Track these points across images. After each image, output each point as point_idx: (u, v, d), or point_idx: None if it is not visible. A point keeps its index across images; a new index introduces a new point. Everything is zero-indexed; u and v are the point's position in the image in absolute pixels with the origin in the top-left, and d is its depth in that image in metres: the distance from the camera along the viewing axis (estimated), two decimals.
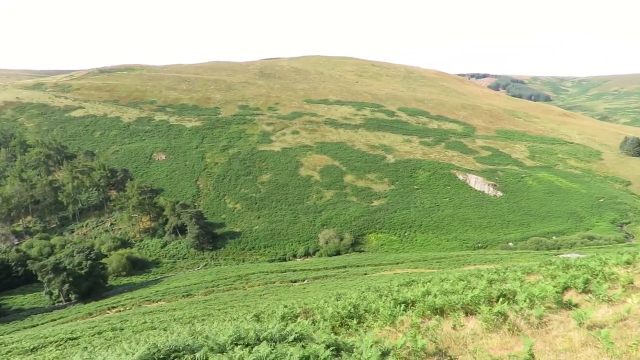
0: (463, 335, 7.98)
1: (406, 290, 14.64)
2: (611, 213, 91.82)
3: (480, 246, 79.25)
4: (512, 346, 7.19)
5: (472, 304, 9.82)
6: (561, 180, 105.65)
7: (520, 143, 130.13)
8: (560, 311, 9.18)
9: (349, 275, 56.16)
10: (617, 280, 11.41)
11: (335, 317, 10.26)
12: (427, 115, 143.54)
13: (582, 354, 6.31)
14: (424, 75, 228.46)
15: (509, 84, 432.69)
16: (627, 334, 7.04)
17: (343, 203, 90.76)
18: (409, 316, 9.76)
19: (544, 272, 15.36)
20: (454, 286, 13.08)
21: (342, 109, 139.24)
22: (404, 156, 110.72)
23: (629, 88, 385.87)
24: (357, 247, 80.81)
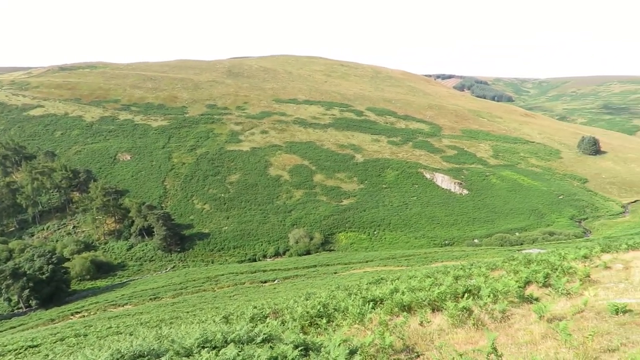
0: (430, 331, 8.14)
1: (375, 288, 14.80)
2: (570, 209, 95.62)
3: (447, 243, 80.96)
4: (476, 340, 7.38)
5: (438, 300, 10.02)
6: (523, 178, 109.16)
7: (485, 142, 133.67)
8: (522, 305, 9.48)
9: (319, 275, 56.28)
10: (575, 274, 11.90)
11: (304, 317, 10.26)
12: (394, 115, 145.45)
13: (542, 346, 6.54)
14: (391, 75, 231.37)
15: (473, 84, 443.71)
16: (584, 325, 7.35)
17: (313, 202, 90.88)
18: (377, 314, 9.87)
19: (507, 267, 15.85)
20: (422, 283, 13.31)
21: (311, 109, 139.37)
22: (372, 155, 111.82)
23: (585, 90, 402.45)
24: (327, 246, 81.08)
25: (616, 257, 15.24)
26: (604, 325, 7.27)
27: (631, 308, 7.94)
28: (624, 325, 7.20)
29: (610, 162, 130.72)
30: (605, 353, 5.98)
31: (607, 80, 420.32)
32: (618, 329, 7.00)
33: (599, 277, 11.70)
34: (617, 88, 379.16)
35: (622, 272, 12.20)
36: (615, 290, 9.96)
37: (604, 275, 11.94)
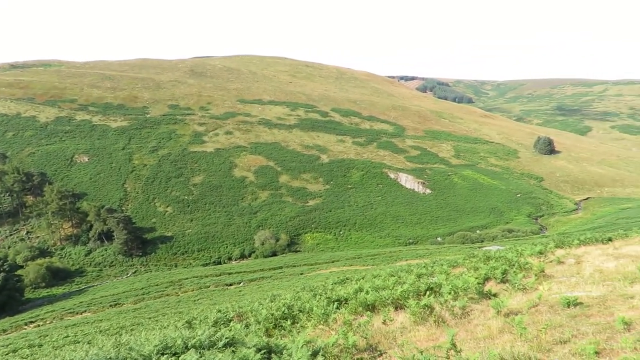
0: (393, 329, 8.25)
1: (340, 288, 14.88)
2: (527, 207, 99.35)
3: (412, 242, 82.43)
4: (437, 337, 7.54)
5: (401, 298, 10.18)
6: (483, 177, 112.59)
7: (447, 142, 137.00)
8: (481, 301, 9.76)
9: (285, 276, 56.09)
10: (530, 270, 12.35)
11: (269, 319, 10.20)
12: (359, 115, 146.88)
13: (499, 340, 6.76)
14: (355, 76, 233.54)
15: (435, 86, 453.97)
16: (539, 319, 7.64)
17: (278, 203, 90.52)
18: (342, 314, 9.92)
19: (467, 264, 16.29)
20: (385, 282, 13.49)
21: (276, 109, 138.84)
22: (337, 156, 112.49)
23: (540, 92, 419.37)
24: (293, 247, 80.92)
25: (569, 252, 15.93)
26: (556, 318, 7.58)
27: (582, 301, 8.32)
28: (575, 317, 7.54)
29: (564, 162, 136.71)
30: (558, 345, 6.23)
31: (560, 83, 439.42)
32: (569, 321, 7.32)
33: (553, 272, 12.19)
34: (569, 90, 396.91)
35: (574, 267, 12.76)
36: (568, 284, 10.41)
37: (557, 270, 12.46)
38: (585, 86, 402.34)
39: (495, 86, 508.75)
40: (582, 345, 5.95)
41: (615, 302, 8.15)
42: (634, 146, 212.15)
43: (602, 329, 6.74)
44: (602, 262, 12.76)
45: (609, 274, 10.84)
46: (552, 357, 5.61)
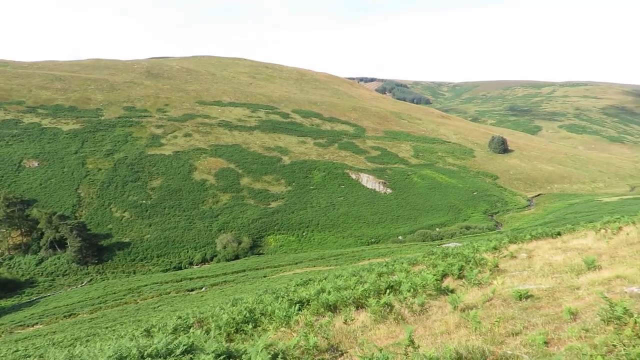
0: (354, 328, 8.34)
1: (302, 289, 14.88)
2: (483, 204, 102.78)
3: (374, 241, 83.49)
4: (397, 334, 7.69)
5: (362, 297, 10.30)
6: (442, 176, 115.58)
7: (406, 143, 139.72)
8: (439, 297, 10.02)
9: (248, 279, 55.55)
10: (486, 265, 12.80)
11: (230, 324, 10.07)
12: (320, 117, 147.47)
13: (455, 335, 6.96)
14: (316, 78, 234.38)
15: (394, 87, 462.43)
16: (493, 312, 7.93)
17: (240, 206, 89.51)
18: (304, 315, 9.92)
19: (426, 262, 16.68)
20: (347, 282, 13.60)
21: (237, 111, 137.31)
22: (299, 157, 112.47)
23: (493, 93, 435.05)
24: (256, 249, 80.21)
25: (521, 247, 16.62)
26: (509, 311, 7.89)
27: (532, 293, 8.69)
28: (526, 309, 7.87)
29: (516, 160, 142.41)
30: (510, 337, 6.49)
31: (511, 85, 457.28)
32: (521, 314, 7.63)
33: (507, 267, 12.69)
34: (520, 92, 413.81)
35: (526, 261, 13.33)
36: (520, 277, 10.85)
37: (510, 265, 12.97)
38: (534, 88, 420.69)
39: (452, 87, 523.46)
40: (533, 336, 6.22)
41: (562, 294, 8.57)
42: (580, 144, 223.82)
43: (551, 320, 7.07)
44: (552, 256, 13.38)
45: (558, 266, 11.38)
46: (504, 349, 5.83)
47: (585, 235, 16.80)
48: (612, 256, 11.52)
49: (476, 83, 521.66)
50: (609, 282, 8.67)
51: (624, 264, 10.16)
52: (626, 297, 7.26)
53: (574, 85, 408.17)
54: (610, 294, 7.59)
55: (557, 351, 5.62)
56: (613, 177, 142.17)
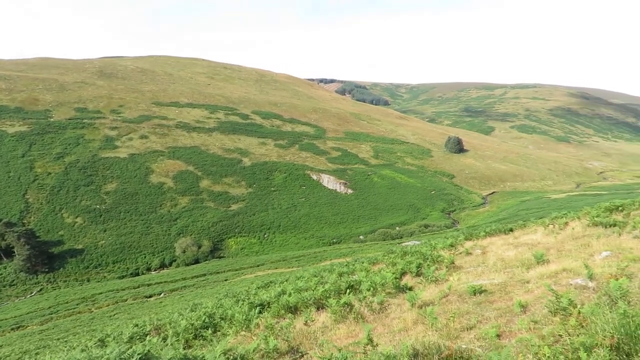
0: (314, 329, 8.36)
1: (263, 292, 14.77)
2: (441, 203, 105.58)
3: (335, 241, 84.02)
4: (357, 333, 7.76)
5: (323, 298, 10.34)
6: (401, 176, 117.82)
7: (366, 143, 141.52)
8: (398, 295, 10.21)
9: (209, 283, 54.59)
10: (442, 262, 13.15)
11: (188, 330, 9.86)
12: (280, 118, 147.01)
13: (413, 332, 7.11)
14: (276, 79, 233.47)
15: (353, 89, 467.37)
16: (448, 308, 8.16)
17: (200, 209, 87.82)
18: (264, 318, 9.86)
19: (386, 260, 16.95)
20: (308, 283, 13.62)
21: (195, 112, 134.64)
22: (260, 159, 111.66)
23: (449, 94, 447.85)
24: (216, 253, 78.95)
25: (476, 243, 17.19)
26: (464, 306, 8.14)
27: (486, 288, 9.01)
28: (480, 304, 8.14)
29: (471, 159, 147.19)
30: (465, 331, 6.69)
31: (466, 87, 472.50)
32: (475, 308, 7.89)
33: (462, 263, 13.08)
34: (474, 93, 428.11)
35: (481, 257, 13.79)
36: (475, 273, 11.22)
37: (466, 261, 13.38)
38: (487, 89, 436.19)
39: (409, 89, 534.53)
40: (486, 330, 6.45)
41: (514, 288, 8.93)
42: (530, 144, 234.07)
43: (503, 313, 7.35)
44: (504, 251, 13.92)
45: (510, 261, 11.85)
46: (459, 343, 6.01)
47: (535, 231, 17.58)
48: (559, 250, 12.11)
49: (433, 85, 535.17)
50: (556, 275, 9.10)
51: (570, 258, 10.70)
52: (571, 289, 7.65)
53: (523, 87, 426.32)
54: (557, 287, 7.97)
55: (508, 343, 5.85)
56: (561, 174, 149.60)
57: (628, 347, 4.52)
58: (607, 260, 9.60)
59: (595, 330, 4.92)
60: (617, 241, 11.62)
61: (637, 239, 11.31)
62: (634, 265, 8.50)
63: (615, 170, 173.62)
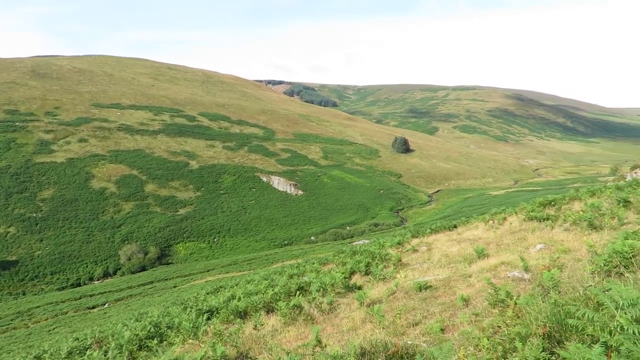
0: (264, 333, 8.28)
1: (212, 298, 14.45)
2: (390, 202, 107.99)
3: (287, 243, 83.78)
4: (306, 335, 7.76)
5: (273, 301, 10.26)
6: (350, 176, 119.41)
7: (315, 145, 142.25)
8: (347, 294, 10.32)
9: (157, 291, 52.85)
10: (390, 260, 13.43)
11: (132, 341, 9.46)
12: (228, 120, 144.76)
13: (361, 330, 7.21)
14: (223, 80, 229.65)
15: (302, 90, 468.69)
16: (395, 305, 8.34)
17: (145, 214, 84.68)
18: (213, 324, 9.64)
19: (336, 260, 17.10)
20: (258, 286, 13.48)
21: (138, 114, 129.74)
22: (208, 161, 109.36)
23: (395, 96, 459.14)
24: (164, 259, 76.46)
25: (422, 240, 17.71)
26: (410, 302, 8.35)
27: (431, 284, 9.30)
28: (425, 300, 8.39)
29: (417, 159, 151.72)
30: (411, 327, 6.87)
31: (411, 89, 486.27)
32: (421, 304, 8.12)
33: (409, 260, 13.43)
34: (418, 95, 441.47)
35: (426, 253, 14.23)
36: (421, 269, 11.55)
37: (412, 258, 13.75)
38: (431, 91, 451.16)
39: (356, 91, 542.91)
40: (431, 325, 6.65)
41: (457, 282, 9.28)
42: (472, 143, 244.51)
43: (447, 308, 7.61)
44: (448, 247, 14.43)
45: (453, 257, 12.30)
46: (405, 339, 6.16)
47: (477, 227, 18.37)
48: (499, 244, 12.72)
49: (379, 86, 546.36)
50: (495, 269, 9.54)
51: (508, 251, 11.27)
52: (509, 281, 8.05)
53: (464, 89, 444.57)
54: (496, 280, 8.36)
55: (451, 337, 6.06)
56: (500, 172, 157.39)
57: (559, 334, 4.81)
58: (541, 253, 10.18)
59: (530, 320, 5.19)
60: (550, 234, 12.36)
61: (567, 231, 12.08)
62: (565, 257, 9.06)
63: (549, 167, 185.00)
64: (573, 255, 9.12)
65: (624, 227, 10.48)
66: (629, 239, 7.60)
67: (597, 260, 7.17)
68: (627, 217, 11.38)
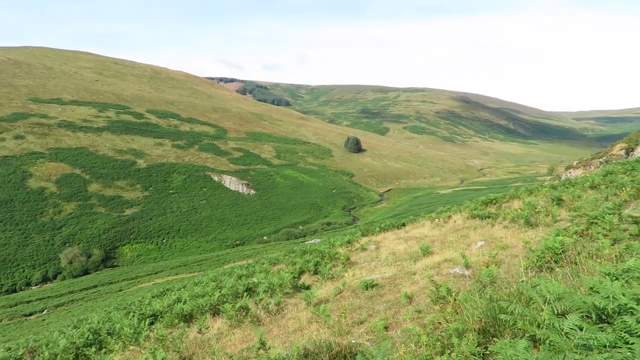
0: (209, 337, 8.10)
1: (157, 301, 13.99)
2: (342, 201, 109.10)
3: (239, 243, 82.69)
4: (252, 338, 7.65)
5: (219, 303, 10.06)
6: (303, 175, 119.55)
7: (268, 144, 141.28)
8: (295, 295, 10.29)
9: (100, 295, 50.68)
10: (339, 259, 13.54)
11: (69, 350, 8.96)
12: (178, 117, 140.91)
13: (307, 331, 7.20)
14: (172, 76, 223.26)
15: (254, 89, 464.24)
16: (342, 304, 8.40)
17: (89, 215, 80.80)
18: (156, 329, 9.31)
19: (286, 260, 17.04)
20: (205, 288, 13.19)
21: (81, 110, 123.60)
22: (156, 160, 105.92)
23: (347, 96, 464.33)
24: (109, 262, 73.31)
25: (371, 239, 17.99)
26: (357, 301, 8.44)
27: (377, 282, 9.44)
28: (371, 298, 8.50)
29: (369, 159, 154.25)
30: (356, 326, 6.93)
31: (363, 89, 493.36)
32: (367, 303, 8.22)
33: (357, 259, 13.59)
34: (370, 96, 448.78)
35: (374, 252, 14.46)
36: (368, 268, 11.71)
37: (361, 257, 13.93)
38: (382, 92, 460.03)
39: (310, 90, 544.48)
40: (375, 323, 6.74)
41: (402, 280, 9.48)
42: (421, 144, 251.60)
43: (391, 306, 7.74)
44: (396, 245, 14.74)
45: (400, 255, 12.57)
46: (349, 338, 6.20)
47: (424, 225, 18.89)
48: (443, 242, 13.13)
49: (332, 87, 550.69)
50: (439, 266, 9.83)
51: (451, 248, 11.65)
52: (450, 278, 8.31)
53: (414, 91, 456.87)
54: (438, 277, 8.61)
55: (394, 334, 6.17)
56: (447, 172, 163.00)
57: (493, 329, 5.00)
58: (481, 249, 10.60)
59: (467, 316, 5.36)
60: (490, 231, 12.90)
61: (506, 228, 12.65)
62: (503, 253, 9.48)
63: (492, 167, 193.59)
64: (510, 251, 9.55)
65: (557, 224, 11.10)
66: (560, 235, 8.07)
67: (532, 256, 7.55)
68: (560, 215, 12.06)
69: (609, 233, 7.66)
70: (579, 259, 6.53)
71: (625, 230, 7.54)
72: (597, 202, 11.10)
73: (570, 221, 9.79)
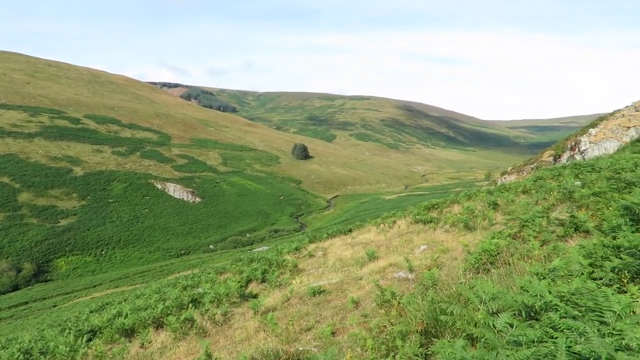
0: (152, 351, 7.83)
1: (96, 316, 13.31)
2: (290, 208, 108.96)
3: (184, 253, 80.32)
4: (197, 350, 7.49)
5: (163, 316, 9.75)
6: (250, 183, 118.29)
7: (214, 151, 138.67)
8: (242, 304, 10.17)
9: (32, 313, 47.34)
10: (286, 266, 13.52)
11: None
12: (119, 123, 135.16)
13: (254, 340, 7.14)
14: (112, 80, 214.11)
15: (200, 94, 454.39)
16: (289, 312, 8.41)
17: (19, 227, 75.45)
18: (95, 346, 8.87)
19: (233, 269, 16.77)
20: (148, 301, 12.72)
21: (10, 115, 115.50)
22: (94, 168, 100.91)
23: (294, 103, 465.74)
24: (42, 276, 68.73)
25: (319, 245, 18.11)
26: (304, 308, 8.47)
27: (325, 288, 9.53)
28: (319, 304, 8.57)
29: (316, 165, 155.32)
30: (303, 333, 6.97)
31: (310, 97, 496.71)
32: (315, 309, 8.28)
33: (305, 266, 13.65)
34: (317, 103, 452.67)
35: (322, 258, 14.57)
36: (316, 274, 11.79)
37: (308, 263, 13.99)
38: (329, 100, 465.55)
39: (257, 97, 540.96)
40: (322, 329, 6.80)
41: (349, 285, 9.63)
42: (367, 151, 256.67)
43: (339, 311, 7.85)
44: (343, 251, 14.94)
45: (347, 260, 12.75)
46: (297, 345, 6.22)
47: (369, 230, 19.27)
48: (388, 247, 13.47)
49: (279, 93, 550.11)
50: (384, 270, 10.08)
51: (396, 253, 11.98)
52: (395, 282, 8.55)
53: (360, 99, 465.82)
54: (384, 281, 8.83)
55: (341, 339, 6.26)
56: (392, 178, 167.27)
57: (435, 330, 5.21)
58: (424, 253, 10.99)
59: (410, 318, 5.55)
60: (432, 235, 13.40)
61: (447, 232, 13.20)
62: (444, 256, 9.88)
63: (434, 173, 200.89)
64: (451, 254, 9.97)
65: (493, 227, 11.73)
66: (495, 238, 8.54)
67: (470, 258, 7.94)
68: (496, 218, 12.76)
69: (539, 235, 8.20)
70: (512, 260, 6.94)
71: (553, 232, 8.10)
72: (529, 206, 11.85)
73: (505, 224, 10.37)
